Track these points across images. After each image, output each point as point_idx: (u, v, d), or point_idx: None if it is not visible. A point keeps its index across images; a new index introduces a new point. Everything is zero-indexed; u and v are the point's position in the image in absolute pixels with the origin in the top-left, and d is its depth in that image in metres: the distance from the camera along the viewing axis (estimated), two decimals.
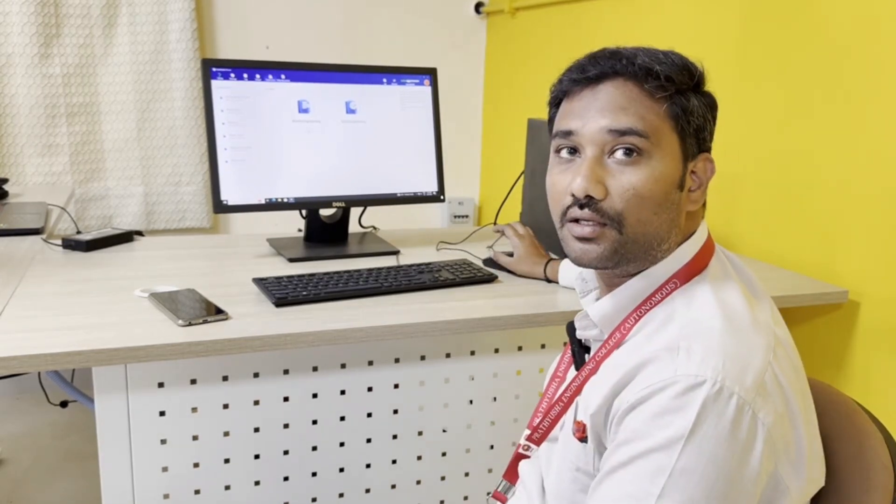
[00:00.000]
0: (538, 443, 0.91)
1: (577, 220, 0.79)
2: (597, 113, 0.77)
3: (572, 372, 0.91)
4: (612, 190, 0.77)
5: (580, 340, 0.90)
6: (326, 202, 1.68)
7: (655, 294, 0.80)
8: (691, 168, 0.80)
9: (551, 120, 0.86)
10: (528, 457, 0.96)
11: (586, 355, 0.89)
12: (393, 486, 1.44)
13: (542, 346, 1.48)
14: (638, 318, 0.80)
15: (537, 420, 0.91)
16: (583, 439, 0.80)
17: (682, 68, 0.79)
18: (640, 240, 0.78)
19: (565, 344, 0.94)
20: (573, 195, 0.78)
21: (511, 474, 1.00)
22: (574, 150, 0.80)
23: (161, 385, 1.22)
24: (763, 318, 0.78)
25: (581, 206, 0.77)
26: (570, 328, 0.90)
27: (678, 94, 0.78)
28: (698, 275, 0.80)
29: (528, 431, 0.93)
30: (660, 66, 0.77)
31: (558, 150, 0.82)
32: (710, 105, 0.82)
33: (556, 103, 0.85)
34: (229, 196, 1.58)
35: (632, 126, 0.76)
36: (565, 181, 0.80)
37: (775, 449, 0.70)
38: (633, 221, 0.77)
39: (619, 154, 0.77)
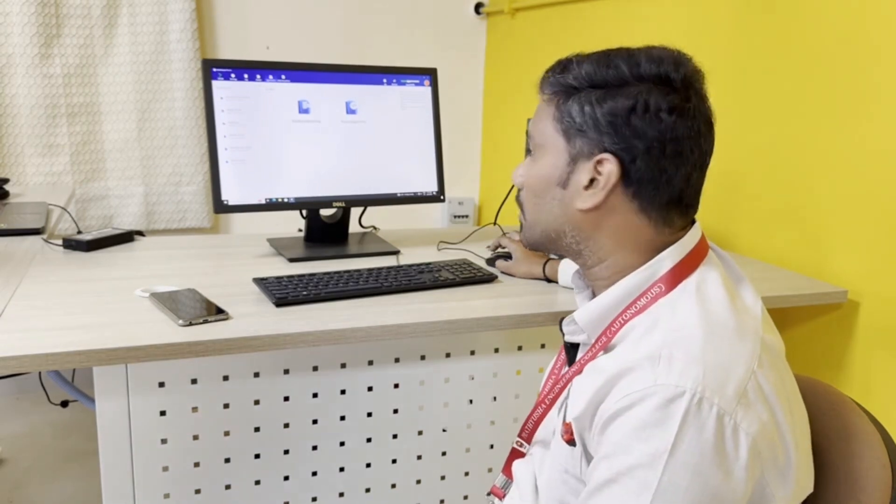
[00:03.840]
0: (528, 440, 0.92)
1: None
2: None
3: (566, 369, 0.92)
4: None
5: None
6: (326, 202, 1.68)
7: (639, 299, 0.81)
8: (588, 167, 0.82)
9: None
10: (522, 454, 0.97)
11: (577, 354, 0.89)
12: (393, 486, 1.44)
13: (542, 346, 1.48)
14: (623, 323, 0.80)
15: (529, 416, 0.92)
16: (570, 441, 0.80)
17: (577, 76, 0.83)
18: (536, 227, 0.90)
19: None
20: None
21: (508, 470, 1.01)
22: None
23: (161, 385, 1.22)
24: (751, 325, 0.77)
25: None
26: (562, 325, 0.91)
27: (561, 100, 0.84)
28: (685, 280, 0.80)
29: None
30: (553, 76, 0.85)
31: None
32: (615, 111, 0.79)
33: None
34: (230, 196, 1.58)
35: (528, 130, 0.91)
36: None
37: (761, 457, 0.70)
38: (527, 207, 0.91)
39: None
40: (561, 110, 0.84)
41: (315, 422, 1.34)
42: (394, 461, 1.43)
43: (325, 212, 1.73)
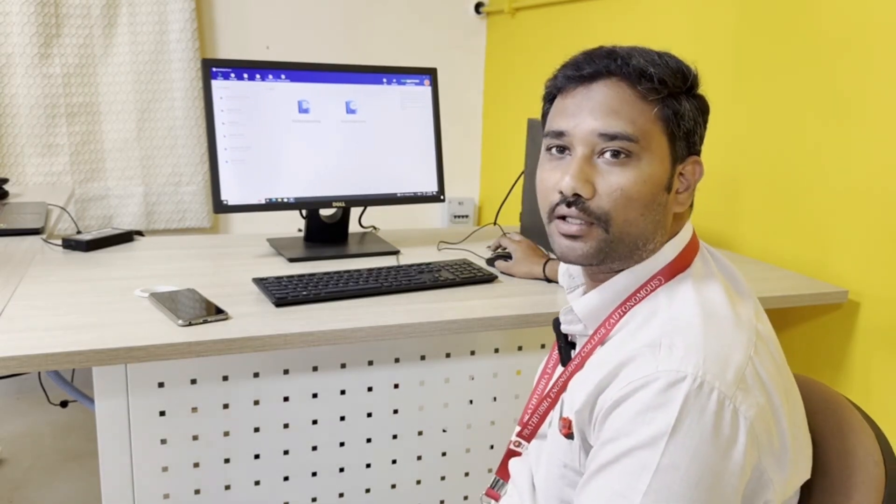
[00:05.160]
0: (528, 439, 0.92)
1: (564, 218, 0.80)
2: (588, 114, 0.78)
3: (560, 368, 0.91)
4: (599, 189, 0.78)
5: (566, 336, 0.90)
6: (326, 202, 1.68)
7: (640, 290, 0.81)
8: (679, 170, 0.81)
9: (545, 115, 0.86)
10: (519, 454, 0.97)
11: (572, 351, 0.89)
12: (393, 486, 1.44)
13: (542, 346, 1.48)
14: (622, 315, 0.81)
15: (527, 417, 0.92)
16: (569, 436, 0.80)
17: (675, 71, 0.79)
18: (626, 239, 0.79)
19: (556, 341, 0.95)
20: (561, 192, 0.79)
21: (504, 471, 1.00)
22: (564, 149, 0.81)
23: (161, 385, 1.22)
24: (745, 315, 0.78)
25: (568, 205, 0.79)
26: (556, 323, 0.90)
27: (670, 98, 0.78)
28: (682, 272, 0.81)
29: (518, 428, 0.94)
30: (654, 69, 0.77)
31: (549, 149, 0.83)
32: (702, 109, 0.82)
33: (549, 99, 0.85)
34: (229, 196, 1.58)
35: (621, 130, 0.76)
36: (554, 178, 0.80)
37: (758, 442, 0.71)
38: (620, 221, 0.78)
39: (608, 155, 0.78)
40: (670, 110, 0.78)
41: (315, 422, 1.34)
42: (394, 462, 1.43)
43: (324, 212, 1.73)
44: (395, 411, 1.40)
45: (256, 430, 1.30)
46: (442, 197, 1.80)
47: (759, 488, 0.73)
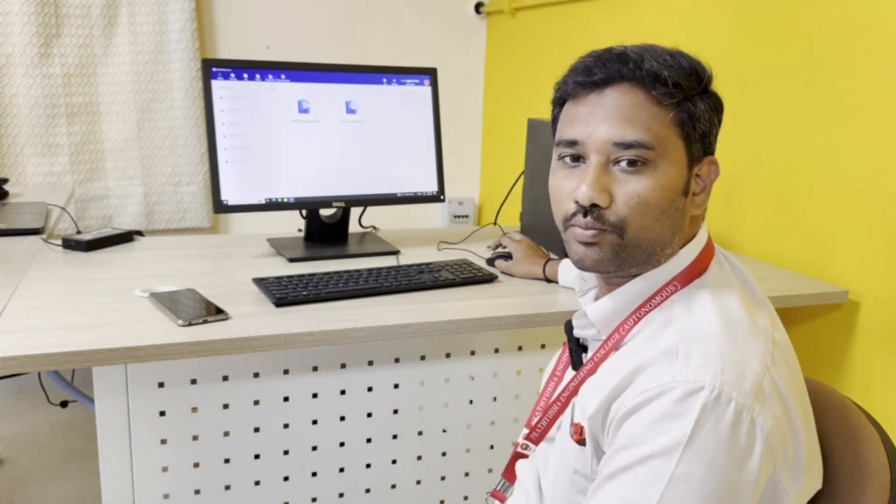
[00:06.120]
0: (536, 442, 0.91)
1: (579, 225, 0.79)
2: (602, 122, 0.76)
3: (570, 372, 0.91)
4: (616, 197, 0.76)
5: (578, 339, 0.89)
6: (326, 202, 1.68)
7: (655, 296, 0.80)
8: (696, 172, 0.80)
9: (555, 119, 0.84)
10: (526, 456, 0.96)
11: (584, 355, 0.88)
12: (393, 486, 1.44)
13: (542, 346, 1.48)
14: (637, 321, 0.80)
15: (535, 419, 0.91)
16: (580, 442, 0.79)
17: (689, 72, 0.77)
18: (643, 244, 0.78)
19: (564, 343, 0.94)
20: (577, 202, 0.77)
21: (509, 473, 1.00)
22: (578, 157, 0.79)
23: (161, 385, 1.22)
24: (762, 323, 0.78)
25: (585, 214, 0.77)
26: (568, 326, 0.89)
27: (685, 101, 0.76)
28: (698, 278, 0.80)
29: (526, 430, 0.93)
30: (668, 72, 0.75)
31: (562, 157, 0.81)
32: (716, 107, 0.80)
33: (560, 103, 0.83)
34: (229, 196, 1.58)
35: (637, 139, 0.75)
36: (569, 186, 0.79)
37: (774, 454, 0.71)
38: (636, 227, 0.76)
39: (624, 164, 0.76)
40: (685, 113, 0.76)
41: (315, 422, 1.34)
42: (394, 462, 1.43)
43: (324, 212, 1.73)
44: (395, 411, 1.40)
45: (256, 430, 1.30)
46: (442, 197, 1.80)
47: (773, 500, 0.73)
